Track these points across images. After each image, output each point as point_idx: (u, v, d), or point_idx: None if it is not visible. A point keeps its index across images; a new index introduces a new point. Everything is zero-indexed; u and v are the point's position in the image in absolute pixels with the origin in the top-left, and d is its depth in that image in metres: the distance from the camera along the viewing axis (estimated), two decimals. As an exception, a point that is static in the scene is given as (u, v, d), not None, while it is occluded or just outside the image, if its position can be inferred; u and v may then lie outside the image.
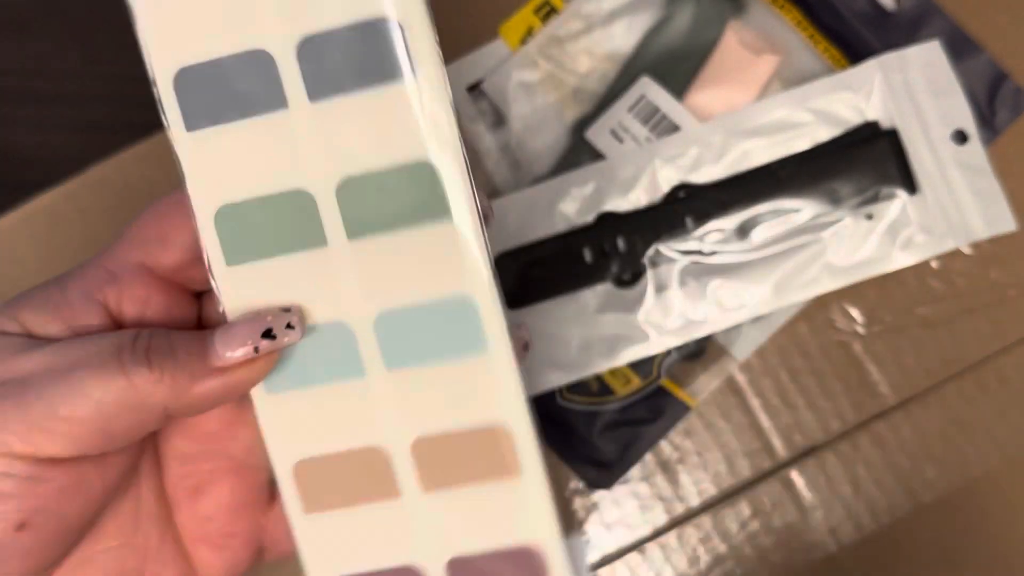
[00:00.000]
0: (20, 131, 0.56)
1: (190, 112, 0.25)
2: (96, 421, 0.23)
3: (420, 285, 0.25)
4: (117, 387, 0.23)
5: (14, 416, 0.23)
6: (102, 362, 0.23)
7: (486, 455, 0.26)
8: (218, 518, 0.28)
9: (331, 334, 0.26)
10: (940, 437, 0.40)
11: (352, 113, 0.25)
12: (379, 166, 0.25)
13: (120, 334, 0.24)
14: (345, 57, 0.25)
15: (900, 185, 0.38)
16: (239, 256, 0.25)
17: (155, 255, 0.26)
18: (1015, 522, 0.40)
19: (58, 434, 0.23)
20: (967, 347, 0.40)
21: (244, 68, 0.25)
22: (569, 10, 0.42)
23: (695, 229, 0.39)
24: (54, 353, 0.24)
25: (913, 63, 0.39)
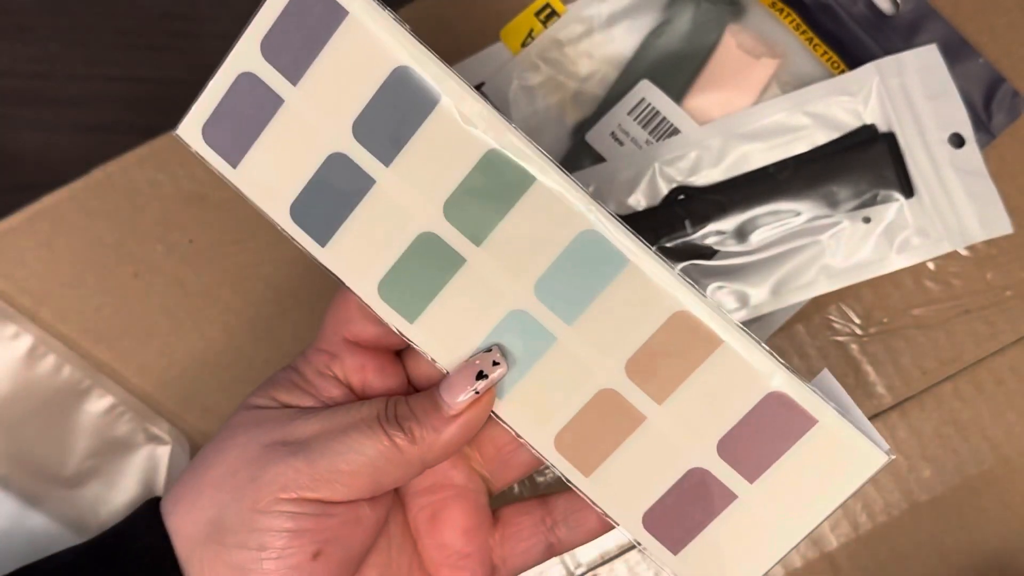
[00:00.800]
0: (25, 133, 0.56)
1: (316, 232, 0.30)
2: (370, 474, 0.28)
3: (545, 245, 0.29)
4: (384, 447, 0.28)
5: (304, 470, 0.28)
6: (369, 426, 0.29)
7: (685, 342, 0.28)
8: (453, 542, 0.32)
9: (513, 324, 0.29)
10: (936, 437, 0.40)
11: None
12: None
13: (373, 403, 0.30)
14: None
15: (897, 188, 0.39)
16: (414, 311, 0.30)
17: (355, 332, 0.31)
18: (1011, 521, 0.40)
19: (339, 484, 0.28)
20: (963, 348, 0.40)
21: (332, 173, 0.29)
22: (570, 14, 0.42)
23: (694, 231, 0.39)
24: (326, 420, 0.29)
25: (910, 67, 0.39)
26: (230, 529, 0.28)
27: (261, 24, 0.29)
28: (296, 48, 0.29)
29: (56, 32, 0.57)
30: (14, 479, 0.40)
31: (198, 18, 0.58)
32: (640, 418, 0.29)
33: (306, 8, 0.28)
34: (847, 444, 0.28)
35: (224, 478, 0.29)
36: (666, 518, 0.29)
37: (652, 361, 0.29)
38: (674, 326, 0.28)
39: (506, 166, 0.28)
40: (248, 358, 0.42)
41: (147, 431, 0.41)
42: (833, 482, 0.28)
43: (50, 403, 0.41)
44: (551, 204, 0.28)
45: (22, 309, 0.42)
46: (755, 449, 0.28)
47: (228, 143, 0.30)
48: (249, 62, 0.29)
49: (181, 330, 0.42)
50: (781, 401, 0.28)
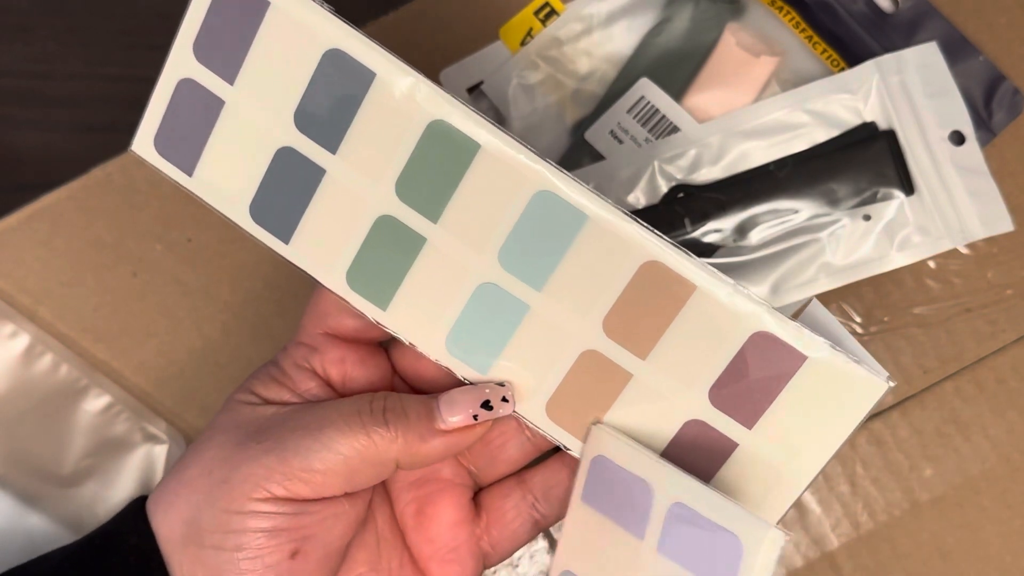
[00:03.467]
0: (24, 132, 0.57)
1: (278, 229, 0.30)
2: (342, 473, 0.28)
3: (502, 212, 0.28)
4: (360, 444, 0.28)
5: (277, 468, 0.28)
6: (347, 423, 0.28)
7: (659, 293, 0.28)
8: (441, 535, 0.32)
9: (484, 297, 0.29)
10: (938, 436, 0.40)
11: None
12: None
13: (358, 399, 0.29)
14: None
15: (897, 186, 0.39)
16: (384, 298, 0.29)
17: (334, 325, 0.31)
18: (1012, 520, 0.40)
19: (313, 483, 0.28)
20: (964, 347, 0.40)
21: (282, 168, 0.29)
22: (569, 12, 0.42)
23: (694, 229, 0.39)
24: (302, 416, 0.29)
25: (910, 65, 0.39)
26: (206, 530, 0.28)
27: (190, 27, 0.28)
28: (227, 47, 0.28)
29: (56, 32, 0.57)
30: (11, 478, 0.40)
31: (198, 18, 0.58)
32: (626, 376, 0.29)
33: (230, 5, 0.28)
34: (843, 376, 0.27)
35: (199, 478, 0.29)
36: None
37: (629, 316, 0.28)
38: (645, 277, 0.28)
39: (449, 136, 0.27)
40: (247, 357, 0.42)
41: (144, 430, 0.41)
42: (835, 417, 0.27)
43: (47, 402, 0.41)
44: (501, 169, 0.28)
45: (21, 308, 0.42)
46: (748, 394, 0.28)
47: (181, 152, 0.30)
48: (186, 68, 0.29)
49: (180, 329, 0.42)
50: (766, 340, 0.27)
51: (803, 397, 0.27)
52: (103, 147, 0.43)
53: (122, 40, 0.57)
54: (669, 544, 0.27)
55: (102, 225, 0.42)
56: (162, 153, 0.30)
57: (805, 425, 0.28)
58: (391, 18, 0.43)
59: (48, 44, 0.57)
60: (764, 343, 0.27)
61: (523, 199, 0.28)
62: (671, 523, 0.27)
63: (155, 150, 0.30)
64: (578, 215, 0.28)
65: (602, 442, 0.29)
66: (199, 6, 0.28)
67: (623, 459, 0.28)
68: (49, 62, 0.57)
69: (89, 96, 0.57)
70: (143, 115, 0.30)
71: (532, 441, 0.32)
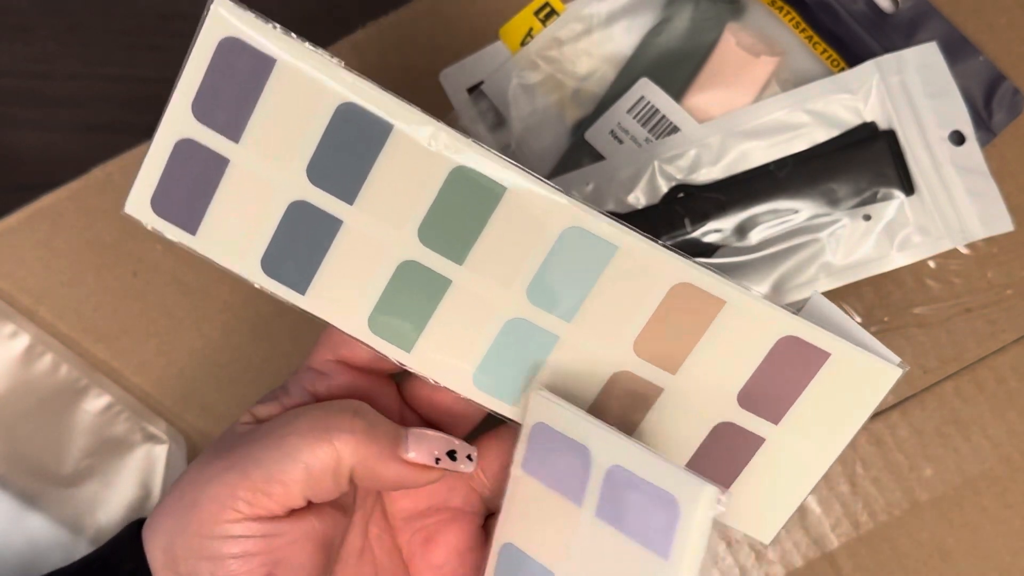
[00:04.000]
0: (23, 132, 0.57)
1: (292, 281, 0.30)
2: (303, 481, 0.28)
3: (530, 250, 0.28)
4: (323, 452, 0.28)
5: (240, 485, 0.27)
6: (312, 428, 0.28)
7: (689, 312, 0.29)
8: (449, 563, 0.32)
9: (513, 333, 0.29)
10: (938, 436, 0.40)
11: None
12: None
13: (329, 404, 0.29)
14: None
15: (897, 186, 0.39)
16: (409, 341, 0.30)
17: (347, 355, 0.31)
18: (1012, 520, 0.40)
19: (273, 496, 0.27)
20: (964, 347, 0.40)
21: (296, 221, 0.29)
22: (569, 12, 0.42)
23: (694, 229, 0.39)
24: (270, 428, 0.29)
25: (910, 65, 0.39)
26: (180, 557, 0.28)
27: (187, 88, 0.28)
28: (230, 105, 0.28)
29: (55, 32, 0.57)
30: (11, 478, 0.40)
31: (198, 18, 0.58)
32: (658, 391, 0.29)
33: (232, 64, 0.28)
34: (861, 367, 0.28)
35: (174, 504, 0.28)
36: (701, 474, 0.29)
37: (659, 336, 0.29)
38: (675, 299, 0.28)
39: (474, 180, 0.28)
40: (247, 357, 0.42)
41: (144, 430, 0.41)
42: (854, 404, 0.29)
43: (47, 402, 0.41)
44: (528, 209, 0.28)
45: (21, 308, 0.42)
46: (775, 392, 0.29)
47: (182, 212, 0.29)
48: (184, 128, 0.28)
49: (180, 329, 0.42)
50: (792, 343, 0.29)
51: (825, 390, 0.29)
52: (103, 147, 0.43)
53: (122, 40, 0.57)
54: (607, 508, 0.27)
55: (102, 225, 0.42)
56: (161, 214, 0.30)
57: (827, 415, 0.29)
58: (391, 18, 0.43)
59: (48, 44, 0.57)
60: (790, 346, 0.29)
61: (552, 236, 0.28)
62: (608, 487, 0.27)
63: (152, 211, 0.29)
64: (608, 247, 0.28)
65: (542, 408, 0.29)
66: (197, 66, 0.28)
67: (561, 424, 0.28)
68: (49, 62, 0.57)
69: (89, 96, 0.57)
70: (135, 177, 0.29)
71: None
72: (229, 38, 0.27)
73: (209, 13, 0.27)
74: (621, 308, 0.29)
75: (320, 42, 0.42)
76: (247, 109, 0.28)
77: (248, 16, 0.27)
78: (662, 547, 0.26)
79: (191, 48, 0.28)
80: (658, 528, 0.26)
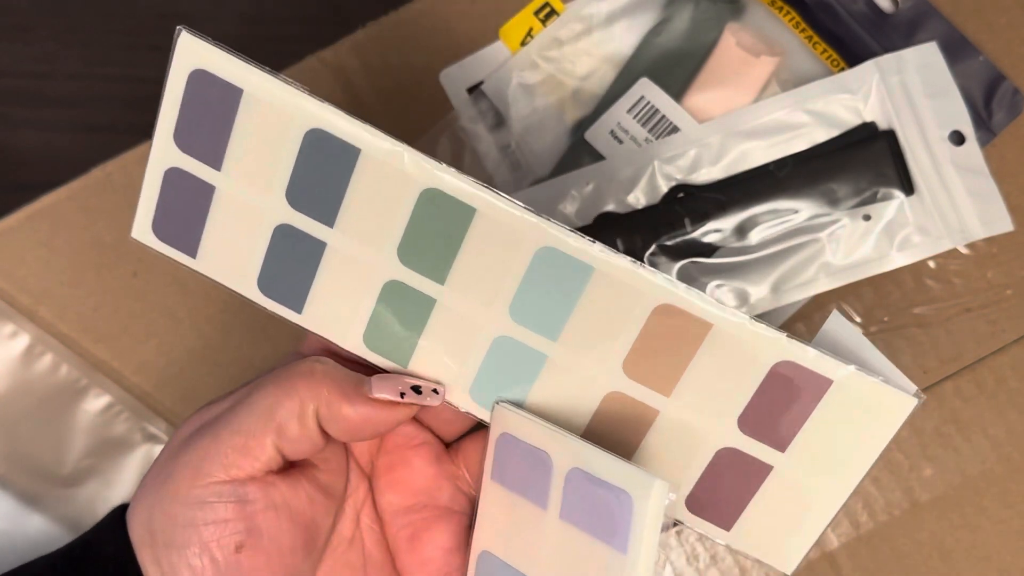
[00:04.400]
0: (23, 132, 0.57)
1: (288, 300, 0.30)
2: (271, 431, 0.28)
3: (508, 269, 0.28)
4: (286, 397, 0.28)
5: (212, 448, 0.28)
6: (274, 380, 0.28)
7: (676, 333, 0.28)
8: (436, 559, 0.31)
9: (501, 350, 0.29)
10: (937, 436, 0.40)
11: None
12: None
13: (292, 362, 0.29)
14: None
15: (897, 186, 0.39)
16: (403, 355, 0.30)
17: (338, 347, 0.31)
18: (1012, 520, 0.40)
19: (244, 451, 0.28)
20: (964, 347, 0.40)
21: (282, 244, 0.30)
22: (569, 12, 0.42)
23: (694, 229, 0.39)
24: (238, 393, 0.29)
25: (910, 65, 0.39)
26: (158, 528, 0.28)
27: (167, 119, 0.29)
28: (208, 134, 0.29)
29: (56, 32, 0.57)
30: (11, 478, 0.40)
31: (198, 18, 0.58)
32: (653, 412, 0.29)
33: (204, 94, 0.28)
34: (871, 395, 0.28)
35: (153, 479, 0.29)
36: (710, 500, 0.30)
37: (648, 357, 0.29)
38: (659, 319, 0.28)
39: (444, 203, 0.28)
40: (247, 357, 0.42)
41: (144, 430, 0.41)
42: (867, 434, 0.28)
43: (47, 402, 0.41)
44: (500, 229, 0.28)
45: (21, 308, 0.42)
46: (778, 419, 0.28)
47: (180, 235, 0.30)
48: (170, 157, 0.29)
49: (180, 329, 0.42)
50: (790, 368, 0.28)
51: (833, 418, 0.28)
52: (103, 147, 0.43)
53: (122, 40, 0.57)
54: (569, 509, 0.27)
55: (102, 225, 0.42)
56: (162, 238, 0.31)
57: (838, 444, 0.28)
58: (391, 18, 0.43)
59: (48, 44, 0.58)
60: (788, 371, 0.28)
61: (526, 257, 0.28)
62: (569, 489, 0.27)
63: (155, 236, 0.31)
64: (584, 267, 0.28)
65: (505, 419, 0.29)
66: (172, 99, 0.29)
67: (523, 433, 0.29)
68: (49, 62, 0.57)
69: (89, 96, 0.57)
70: (138, 204, 0.30)
71: None
72: (198, 70, 0.28)
73: (176, 46, 0.28)
74: (606, 328, 0.29)
75: (320, 42, 0.42)
76: (224, 137, 0.29)
77: (212, 48, 0.28)
78: (620, 542, 0.26)
79: (165, 80, 0.28)
80: (616, 524, 0.26)
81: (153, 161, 0.29)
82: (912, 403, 0.27)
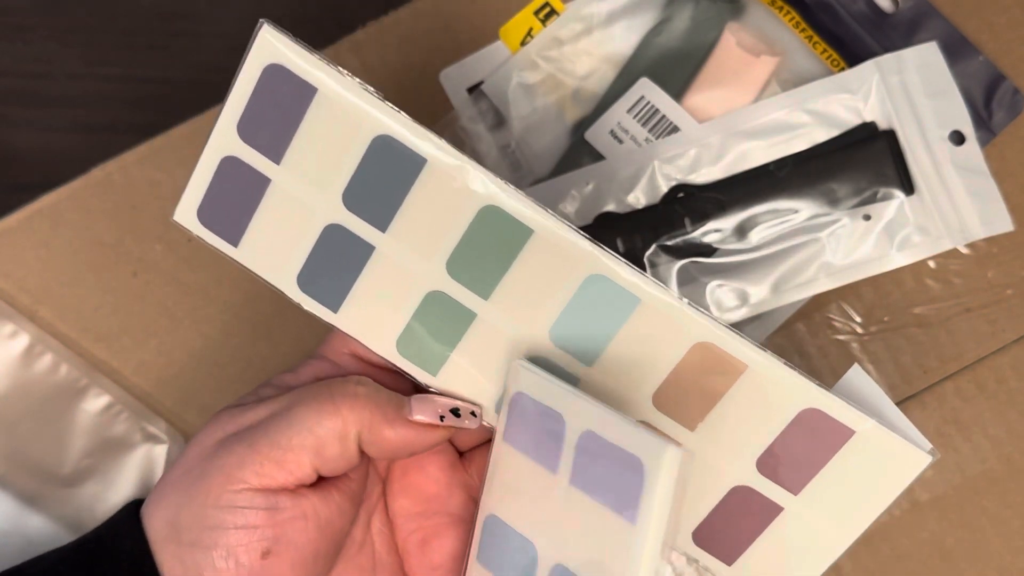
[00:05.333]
0: (23, 132, 0.57)
1: (326, 299, 0.31)
2: (311, 448, 0.28)
3: (554, 293, 0.29)
4: (328, 417, 0.28)
5: (248, 456, 0.28)
6: (316, 398, 0.29)
7: (710, 371, 0.29)
8: (445, 565, 0.32)
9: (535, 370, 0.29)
10: (938, 436, 0.40)
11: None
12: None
13: (333, 380, 0.30)
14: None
15: (897, 186, 0.39)
16: (435, 365, 0.30)
17: (361, 351, 0.31)
18: (1012, 520, 0.40)
19: (282, 463, 0.28)
20: (964, 347, 0.40)
21: (331, 243, 0.30)
22: (569, 12, 0.42)
23: (694, 229, 0.39)
24: (277, 402, 0.29)
25: (910, 64, 0.39)
26: (184, 527, 0.28)
27: (233, 109, 0.29)
28: (273, 128, 0.29)
29: (55, 32, 0.57)
30: (11, 478, 0.40)
31: (198, 18, 0.58)
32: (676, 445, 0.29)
33: (276, 89, 0.29)
34: (888, 449, 0.28)
35: (181, 477, 0.29)
36: (716, 534, 0.30)
37: (679, 392, 0.29)
38: (696, 357, 0.29)
39: (502, 220, 0.29)
40: (247, 357, 0.42)
41: (144, 430, 0.41)
42: (878, 485, 0.29)
43: (47, 402, 0.41)
44: (553, 253, 0.29)
45: (21, 308, 0.42)
46: (796, 463, 0.29)
47: (225, 224, 0.31)
48: (229, 146, 0.30)
49: (179, 329, 0.42)
50: (816, 416, 0.28)
51: (849, 467, 0.28)
52: (103, 147, 0.43)
53: (122, 40, 0.57)
54: (580, 475, 0.27)
55: (102, 225, 0.42)
56: (206, 224, 0.31)
57: (849, 492, 0.29)
58: (391, 18, 0.43)
59: (48, 44, 0.58)
60: (813, 418, 0.28)
61: (576, 282, 0.29)
62: (581, 454, 0.27)
63: (198, 221, 0.31)
64: (631, 298, 0.28)
65: (521, 378, 0.29)
66: (243, 89, 0.29)
67: (539, 393, 0.29)
68: (49, 62, 0.57)
69: (89, 96, 0.57)
70: (185, 188, 0.31)
71: None
72: (274, 64, 0.28)
73: (256, 39, 0.28)
74: (642, 360, 0.29)
75: (321, 42, 0.42)
76: (289, 133, 0.29)
77: (293, 44, 0.28)
78: (630, 511, 0.26)
79: (238, 71, 0.29)
80: (626, 492, 0.26)
81: (211, 148, 0.30)
82: (926, 460, 0.28)
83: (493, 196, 0.28)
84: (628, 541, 0.26)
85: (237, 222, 0.30)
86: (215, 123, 0.29)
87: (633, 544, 0.25)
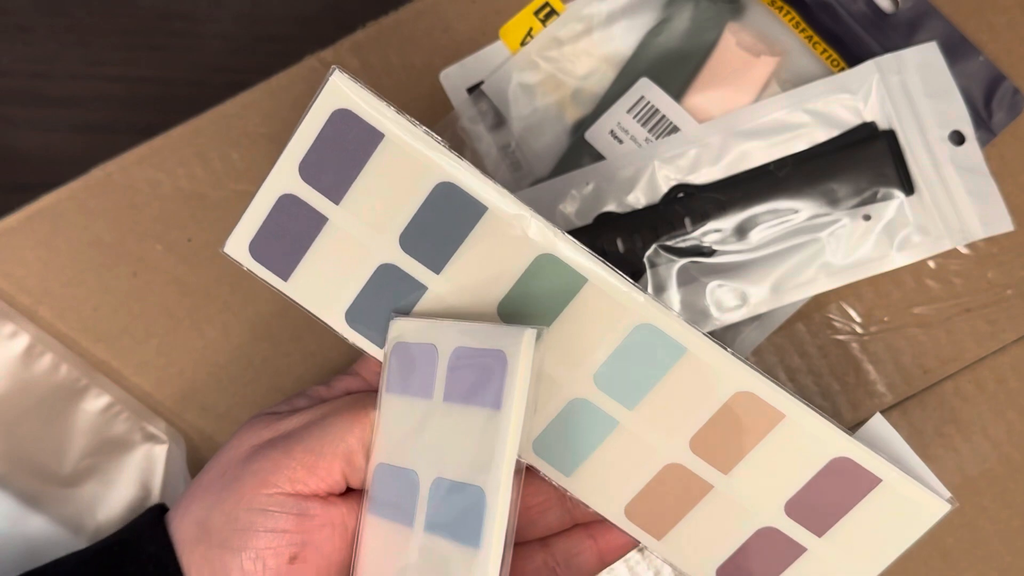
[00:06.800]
0: (23, 132, 0.57)
1: (374, 335, 0.32)
2: (342, 455, 0.29)
3: (602, 340, 0.30)
4: (359, 425, 0.30)
5: (283, 461, 0.29)
6: (348, 408, 0.30)
7: (748, 418, 0.30)
8: None
9: (574, 413, 0.31)
10: (937, 436, 0.40)
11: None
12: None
13: (365, 394, 0.31)
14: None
15: (897, 186, 0.39)
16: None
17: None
18: (1012, 520, 0.40)
19: (315, 470, 0.29)
20: (964, 347, 0.40)
21: (383, 282, 0.31)
22: (569, 12, 0.42)
23: (694, 229, 0.39)
24: (313, 412, 0.31)
25: (910, 64, 0.39)
26: (214, 529, 0.29)
27: (297, 149, 0.30)
28: (335, 169, 0.30)
29: (56, 32, 0.57)
30: (11, 478, 0.40)
31: (198, 18, 0.58)
32: (707, 487, 0.30)
33: (342, 133, 0.30)
34: (910, 497, 0.29)
35: (214, 480, 0.30)
36: (739, 571, 0.31)
37: (716, 437, 0.30)
38: (736, 405, 0.30)
39: (556, 268, 0.30)
40: (247, 357, 0.42)
41: (144, 430, 0.41)
42: (898, 530, 0.30)
43: (47, 402, 0.41)
44: (605, 301, 0.30)
45: (21, 308, 0.42)
46: (822, 507, 0.30)
47: (276, 258, 0.32)
48: (288, 184, 0.31)
49: (180, 329, 0.42)
50: (845, 464, 0.29)
51: (872, 513, 0.30)
52: (103, 147, 0.43)
53: (122, 40, 0.57)
54: (451, 390, 0.29)
55: (102, 225, 0.42)
56: (257, 258, 0.32)
57: (870, 536, 0.30)
58: (391, 18, 0.43)
59: (48, 44, 0.58)
60: (842, 466, 0.30)
61: (625, 330, 0.30)
62: (453, 370, 0.28)
63: (249, 254, 0.32)
64: (677, 347, 0.30)
65: (397, 330, 0.31)
66: (308, 131, 0.30)
67: (414, 336, 0.30)
68: (49, 62, 0.57)
69: (89, 96, 0.57)
70: (239, 221, 0.32)
71: (571, 513, 0.33)
72: (342, 110, 0.30)
73: (327, 84, 0.30)
74: (683, 406, 0.30)
75: (320, 42, 0.42)
76: (351, 175, 0.30)
77: (361, 91, 0.29)
78: (496, 399, 0.27)
79: (305, 112, 0.30)
80: (492, 383, 0.27)
81: (269, 185, 0.31)
82: (945, 508, 0.29)
83: (551, 245, 0.29)
84: (494, 425, 0.27)
85: (289, 257, 0.31)
86: (275, 162, 0.31)
87: (500, 424, 0.27)
